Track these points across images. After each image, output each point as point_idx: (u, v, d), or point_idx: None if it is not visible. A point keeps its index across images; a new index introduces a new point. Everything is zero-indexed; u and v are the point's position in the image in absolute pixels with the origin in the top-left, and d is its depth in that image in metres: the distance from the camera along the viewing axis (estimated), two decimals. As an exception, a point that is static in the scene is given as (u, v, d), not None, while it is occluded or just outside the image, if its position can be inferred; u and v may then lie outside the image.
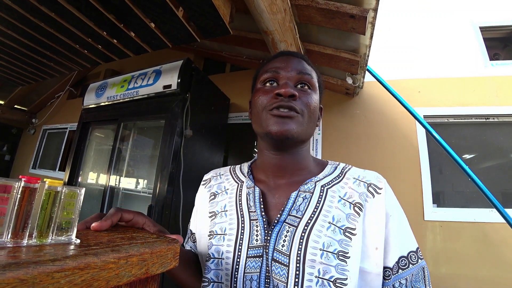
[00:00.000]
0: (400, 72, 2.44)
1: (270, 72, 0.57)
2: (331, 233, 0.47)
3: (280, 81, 0.56)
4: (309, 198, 0.52)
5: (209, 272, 0.53)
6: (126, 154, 2.46)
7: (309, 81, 0.56)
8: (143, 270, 0.35)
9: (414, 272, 0.49)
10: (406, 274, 0.48)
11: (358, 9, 1.30)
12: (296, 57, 0.60)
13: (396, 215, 0.51)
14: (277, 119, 0.52)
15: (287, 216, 0.50)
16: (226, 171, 0.69)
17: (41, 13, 1.48)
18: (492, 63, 2.33)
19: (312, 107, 0.55)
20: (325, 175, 0.56)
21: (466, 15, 2.57)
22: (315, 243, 0.46)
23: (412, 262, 0.49)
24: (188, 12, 1.30)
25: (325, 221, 0.49)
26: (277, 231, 0.50)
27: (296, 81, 0.56)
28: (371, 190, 0.52)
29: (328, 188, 0.53)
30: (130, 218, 0.49)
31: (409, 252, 0.50)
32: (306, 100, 0.54)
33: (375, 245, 0.48)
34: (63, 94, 4.71)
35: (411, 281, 0.48)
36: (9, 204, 0.29)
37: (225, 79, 3.13)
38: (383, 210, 0.50)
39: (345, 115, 2.45)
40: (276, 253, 0.48)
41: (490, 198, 1.56)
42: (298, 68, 0.56)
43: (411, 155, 2.19)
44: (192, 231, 0.69)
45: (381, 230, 0.48)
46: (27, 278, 0.23)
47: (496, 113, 2.15)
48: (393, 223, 0.50)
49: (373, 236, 0.48)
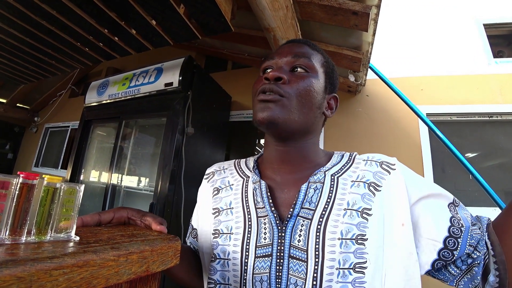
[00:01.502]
0: (402, 70, 2.43)
1: (269, 59, 0.55)
2: (348, 219, 0.45)
3: (274, 67, 0.54)
4: (320, 188, 0.49)
5: (215, 273, 0.51)
6: (128, 152, 2.46)
7: (306, 64, 0.52)
8: (143, 268, 0.34)
9: (469, 233, 0.45)
10: (464, 243, 0.44)
11: (360, 6, 1.29)
12: (299, 42, 0.57)
13: (421, 184, 0.49)
14: (261, 105, 0.49)
15: (300, 210, 0.48)
16: (230, 165, 0.65)
17: (42, 11, 1.48)
18: (496, 60, 2.30)
19: (303, 90, 0.50)
20: (333, 164, 0.54)
21: (469, 12, 2.54)
22: (333, 234, 0.44)
23: (457, 226, 0.46)
24: (189, 9, 1.30)
25: (340, 208, 0.46)
26: (291, 227, 0.47)
27: (291, 65, 0.53)
28: (385, 167, 0.50)
29: (339, 176, 0.51)
30: (110, 218, 0.48)
31: (449, 203, 0.48)
32: (297, 84, 0.50)
33: (401, 221, 0.45)
34: (65, 93, 4.73)
35: (474, 238, 0.45)
36: (7, 201, 0.29)
37: (226, 76, 3.13)
38: (403, 184, 0.47)
39: (347, 113, 2.44)
40: (292, 249, 0.45)
41: (493, 197, 1.55)
42: (295, 52, 0.53)
43: (414, 153, 2.17)
44: (193, 226, 0.66)
45: (406, 205, 0.46)
46: (24, 275, 0.23)
47: (499, 111, 2.13)
48: (423, 195, 0.47)
49: (396, 212, 0.45)
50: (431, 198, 0.48)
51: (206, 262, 0.57)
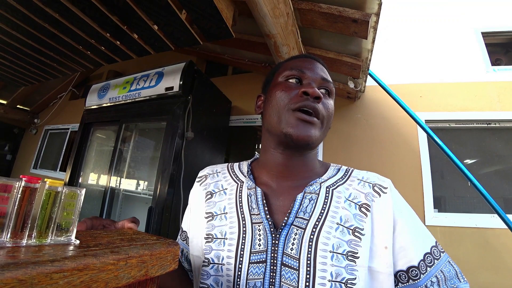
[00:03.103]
0: (401, 77, 2.45)
1: (296, 70, 0.56)
2: (339, 234, 0.47)
3: (304, 80, 0.56)
4: (315, 199, 0.51)
5: (208, 278, 0.51)
6: (127, 156, 2.46)
7: (330, 88, 0.57)
8: (142, 272, 0.35)
9: (442, 268, 0.48)
10: (434, 271, 0.47)
11: (360, 14, 1.31)
12: (319, 62, 0.60)
13: (407, 213, 0.51)
14: (300, 122, 0.51)
15: (295, 219, 0.49)
16: (223, 169, 0.65)
17: (45, 14, 1.50)
18: (494, 68, 2.33)
19: (330, 114, 0.55)
20: (329, 176, 0.56)
21: (468, 21, 2.57)
22: (325, 246, 0.46)
23: (436, 256, 0.49)
24: (191, 15, 1.31)
25: (333, 222, 0.48)
26: (285, 235, 0.48)
27: (319, 85, 0.56)
28: (377, 190, 0.52)
29: (333, 189, 0.53)
30: (84, 228, 0.51)
31: (431, 247, 0.50)
32: (327, 106, 0.54)
33: (384, 244, 0.47)
34: (65, 95, 4.74)
35: (444, 280, 0.47)
36: (9, 204, 0.29)
37: (227, 82, 3.14)
38: (390, 209, 0.49)
39: (347, 119, 2.45)
40: (285, 257, 0.47)
41: (492, 203, 1.55)
42: (322, 74, 0.57)
43: (413, 159, 2.18)
44: (183, 229, 0.65)
45: (390, 230, 0.48)
46: (25, 278, 0.23)
47: (497, 119, 2.14)
48: (407, 221, 0.50)
49: (382, 235, 0.47)
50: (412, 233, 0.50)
51: (196, 265, 0.57)
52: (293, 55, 0.64)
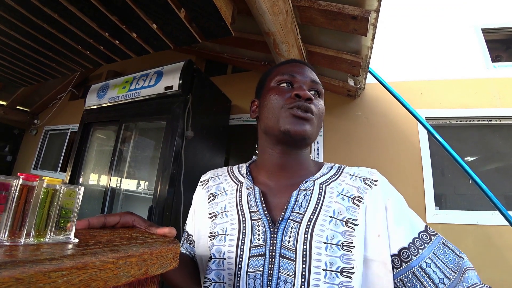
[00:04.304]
0: (402, 74, 2.44)
1: (287, 74, 0.61)
2: (333, 226, 0.50)
3: (295, 84, 0.60)
4: (310, 195, 0.54)
5: (210, 272, 0.54)
6: (127, 155, 2.46)
7: (319, 90, 0.62)
8: (142, 271, 0.34)
9: (435, 250, 0.50)
10: (427, 253, 0.49)
11: (360, 11, 1.30)
12: (308, 66, 0.64)
13: (395, 198, 0.54)
14: (296, 119, 0.55)
15: (291, 214, 0.53)
16: (224, 172, 0.70)
17: (44, 14, 1.49)
18: (494, 65, 2.32)
19: (321, 113, 0.60)
20: (322, 174, 0.59)
21: (468, 17, 2.57)
22: (319, 237, 0.49)
23: (426, 240, 0.51)
24: (190, 13, 1.31)
25: (327, 215, 0.51)
26: (282, 229, 0.52)
27: (309, 87, 0.60)
28: (368, 183, 0.55)
29: (326, 185, 0.56)
30: (116, 221, 0.48)
31: (419, 232, 0.52)
32: (318, 106, 0.59)
33: (377, 233, 0.50)
34: (65, 95, 4.74)
35: (440, 259, 0.49)
36: (7, 202, 0.29)
37: (226, 80, 3.14)
38: (381, 198, 0.53)
39: (347, 117, 2.45)
40: (283, 249, 0.50)
41: (493, 200, 1.55)
42: (311, 77, 0.61)
43: (413, 157, 2.17)
44: (188, 233, 0.68)
45: (382, 218, 0.51)
46: (23, 277, 0.23)
47: (498, 115, 2.14)
48: (395, 207, 0.52)
49: (375, 224, 0.50)
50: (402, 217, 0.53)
51: (204, 266, 0.59)
52: (282, 61, 0.68)
